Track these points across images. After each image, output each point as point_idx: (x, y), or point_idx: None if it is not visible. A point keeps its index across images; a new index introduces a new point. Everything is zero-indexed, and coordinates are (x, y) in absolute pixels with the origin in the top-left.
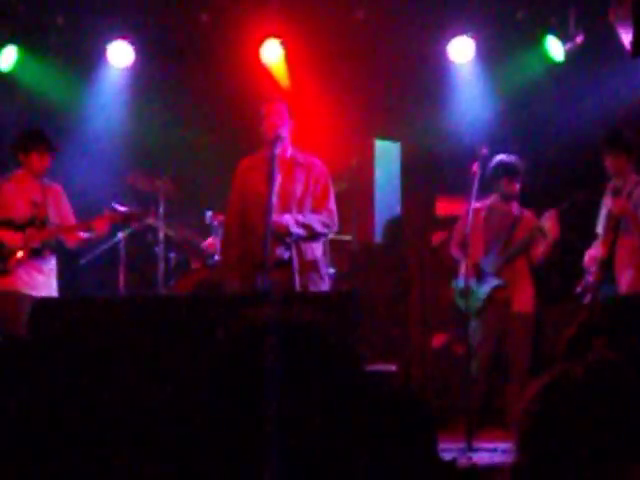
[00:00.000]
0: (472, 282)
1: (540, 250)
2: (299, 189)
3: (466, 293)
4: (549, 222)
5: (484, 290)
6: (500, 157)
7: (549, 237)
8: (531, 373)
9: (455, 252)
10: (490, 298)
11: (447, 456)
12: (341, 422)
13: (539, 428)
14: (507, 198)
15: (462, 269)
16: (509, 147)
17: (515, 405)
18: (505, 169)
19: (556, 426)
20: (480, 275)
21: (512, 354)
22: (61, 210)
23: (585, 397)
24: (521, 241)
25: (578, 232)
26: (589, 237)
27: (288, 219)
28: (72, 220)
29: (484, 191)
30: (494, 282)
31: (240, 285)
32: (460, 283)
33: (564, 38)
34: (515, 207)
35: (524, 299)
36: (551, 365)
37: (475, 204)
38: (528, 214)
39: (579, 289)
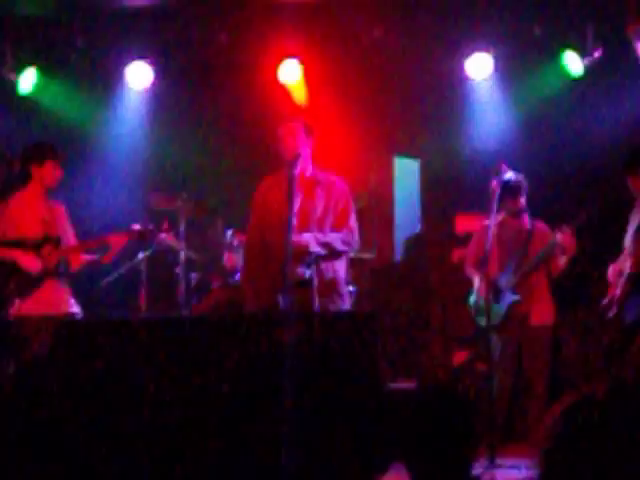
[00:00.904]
0: (489, 299)
1: (560, 263)
2: (319, 208)
3: (487, 309)
4: (565, 238)
5: (502, 306)
6: (503, 176)
7: (567, 253)
8: (551, 386)
9: (469, 270)
10: (508, 314)
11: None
12: (365, 439)
13: (560, 450)
14: (515, 214)
15: (478, 286)
16: (528, 163)
17: (536, 419)
18: (506, 188)
19: (576, 449)
20: (497, 292)
21: (531, 367)
22: (65, 229)
23: (605, 420)
24: (537, 255)
25: (593, 245)
26: (604, 250)
27: (308, 238)
28: (73, 240)
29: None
30: (511, 298)
31: (262, 305)
32: (476, 300)
33: (582, 53)
34: (526, 220)
35: (543, 312)
36: (571, 379)
37: (486, 221)
38: (540, 225)
39: (605, 301)
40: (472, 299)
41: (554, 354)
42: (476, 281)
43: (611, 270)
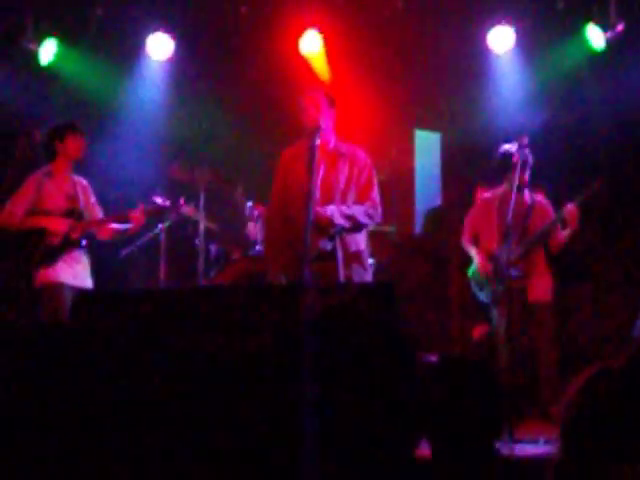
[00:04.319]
0: (489, 274)
1: (560, 238)
2: (342, 180)
3: (482, 284)
4: (569, 215)
5: (501, 280)
6: (505, 148)
7: (569, 228)
8: (559, 361)
9: (466, 244)
10: (508, 288)
11: None
12: (399, 411)
13: (581, 421)
14: (518, 188)
15: (477, 260)
16: (549, 137)
17: (547, 392)
18: (506, 159)
19: (597, 419)
20: (497, 266)
21: (537, 344)
22: (89, 204)
23: (626, 390)
24: (540, 231)
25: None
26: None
27: (332, 210)
28: (99, 213)
29: (493, 181)
30: (511, 272)
31: (284, 277)
32: (476, 274)
33: (605, 27)
34: (527, 195)
35: (541, 288)
36: (579, 351)
37: (486, 194)
38: (540, 199)
39: None
40: (471, 272)
41: (560, 326)
42: (475, 255)
43: None
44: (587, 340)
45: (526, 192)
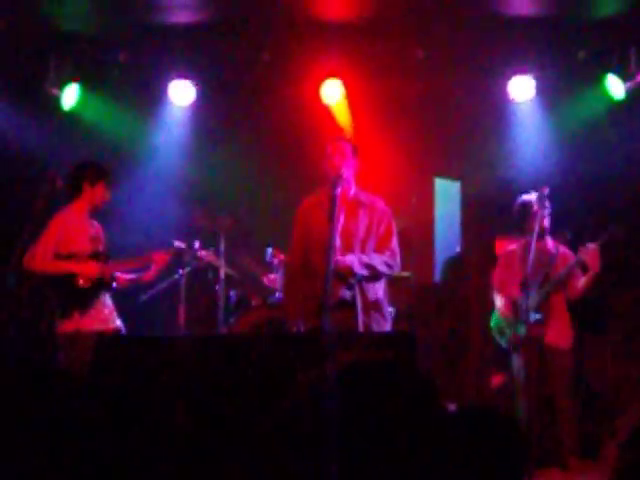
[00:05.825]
0: (510, 319)
1: (580, 284)
2: (362, 229)
3: (502, 330)
4: (590, 256)
5: (522, 327)
6: (523, 198)
7: (590, 271)
8: (575, 407)
9: (496, 293)
10: (528, 335)
11: None
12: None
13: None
14: (540, 236)
15: (499, 304)
16: (569, 186)
17: (565, 436)
18: (526, 209)
19: None
20: (517, 312)
21: (554, 390)
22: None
23: None
24: (558, 276)
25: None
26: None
27: (352, 259)
28: None
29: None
30: (532, 318)
31: (303, 325)
32: (498, 320)
33: (625, 77)
34: (549, 242)
35: (560, 334)
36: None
37: (511, 246)
38: (563, 249)
39: None
40: (493, 318)
41: (579, 371)
42: (498, 302)
43: None
44: (606, 388)
45: (549, 241)
